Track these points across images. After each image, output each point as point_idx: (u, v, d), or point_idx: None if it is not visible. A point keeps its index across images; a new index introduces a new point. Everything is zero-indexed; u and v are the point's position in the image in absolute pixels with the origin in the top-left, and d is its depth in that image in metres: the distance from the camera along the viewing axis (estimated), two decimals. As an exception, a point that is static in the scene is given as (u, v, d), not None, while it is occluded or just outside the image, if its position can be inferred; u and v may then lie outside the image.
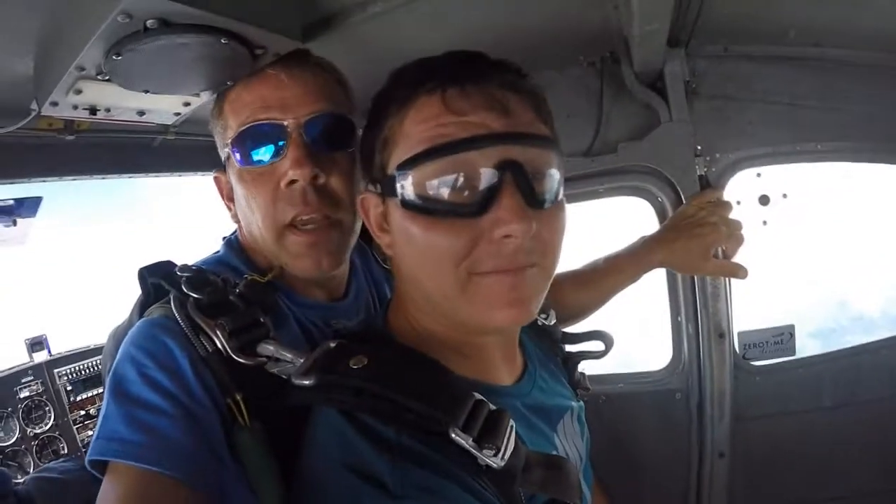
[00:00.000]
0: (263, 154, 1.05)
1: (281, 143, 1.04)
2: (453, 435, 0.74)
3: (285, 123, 1.03)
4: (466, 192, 0.79)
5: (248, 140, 1.05)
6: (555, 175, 0.84)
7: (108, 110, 1.23)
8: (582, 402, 1.17)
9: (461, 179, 0.78)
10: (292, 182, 1.03)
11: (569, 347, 1.31)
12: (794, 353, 2.05)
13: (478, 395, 0.80)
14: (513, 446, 0.77)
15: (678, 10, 1.61)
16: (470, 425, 0.75)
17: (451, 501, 0.73)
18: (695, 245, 1.55)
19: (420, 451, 0.75)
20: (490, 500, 0.76)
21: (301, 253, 1.07)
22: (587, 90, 1.97)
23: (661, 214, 2.01)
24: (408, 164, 0.80)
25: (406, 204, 0.81)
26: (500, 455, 0.74)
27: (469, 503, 0.74)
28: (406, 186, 0.81)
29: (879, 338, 2.04)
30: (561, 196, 0.86)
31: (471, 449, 0.74)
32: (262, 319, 0.97)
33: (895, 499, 2.02)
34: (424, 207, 0.80)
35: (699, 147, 1.87)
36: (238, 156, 1.06)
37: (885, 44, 1.68)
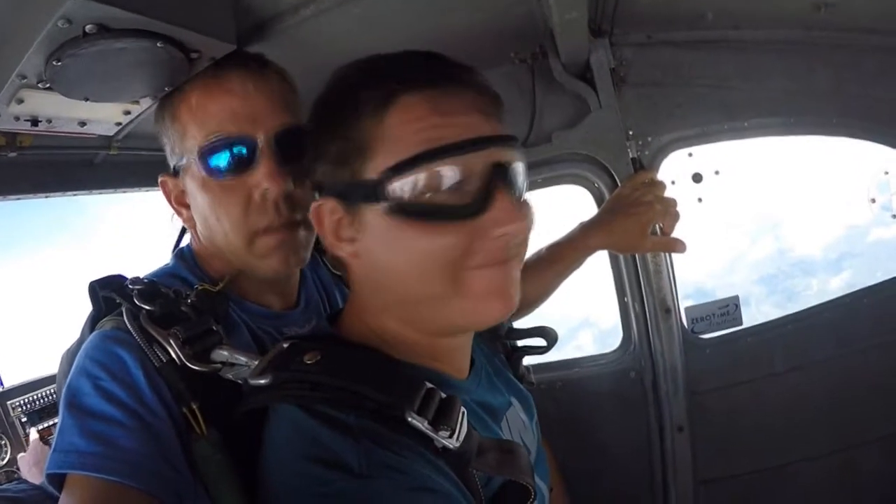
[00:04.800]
0: (235, 166, 1.05)
1: (253, 156, 1.05)
2: (409, 418, 0.76)
3: (256, 137, 1.05)
4: (458, 194, 0.79)
5: (218, 152, 1.05)
6: (524, 172, 0.87)
7: (49, 121, 1.23)
8: (530, 395, 1.19)
9: (455, 182, 0.79)
10: (265, 193, 1.06)
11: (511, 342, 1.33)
12: (740, 323, 2.12)
13: (429, 384, 0.82)
14: (466, 430, 0.80)
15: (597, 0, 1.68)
16: (424, 410, 0.78)
17: (416, 478, 0.75)
18: (632, 224, 1.59)
19: (381, 432, 0.76)
20: (450, 478, 0.79)
21: (270, 253, 1.09)
22: (519, 85, 2.03)
23: (599, 200, 2.07)
24: (402, 168, 0.77)
25: (397, 209, 0.79)
26: (454, 436, 0.77)
27: (433, 479, 0.76)
28: (397, 191, 0.78)
29: (823, 301, 2.12)
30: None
31: (427, 431, 0.76)
32: (214, 328, 0.97)
33: (850, 456, 2.09)
34: (420, 212, 0.78)
35: (630, 132, 1.94)
36: (205, 166, 1.06)
37: (799, 22, 1.76)
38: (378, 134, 0.80)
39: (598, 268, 1.69)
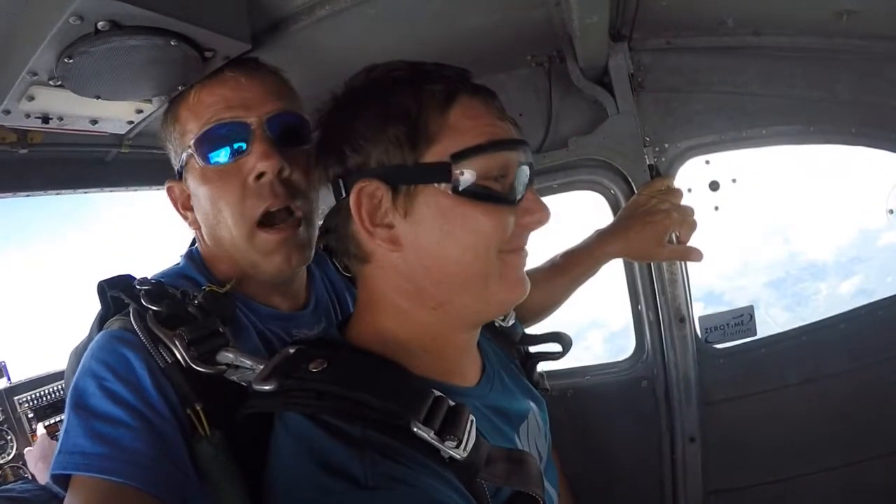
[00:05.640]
0: (228, 151, 1.07)
1: (245, 140, 1.06)
2: (415, 429, 0.76)
3: (248, 121, 1.06)
4: (499, 184, 0.87)
5: (212, 139, 1.07)
6: None
7: (60, 119, 1.23)
8: (544, 400, 1.20)
9: (499, 173, 0.87)
10: (260, 176, 1.06)
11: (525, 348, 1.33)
12: (755, 333, 2.09)
13: (437, 392, 0.81)
14: (474, 439, 0.79)
15: (617, 4, 1.65)
16: (430, 419, 0.77)
17: (421, 490, 0.74)
18: (649, 232, 1.58)
19: (386, 443, 0.76)
20: (457, 489, 0.78)
21: (272, 250, 1.09)
22: (536, 89, 2.01)
23: (615, 206, 2.05)
24: (471, 153, 0.85)
25: (464, 190, 0.85)
26: (461, 447, 0.76)
27: (439, 491, 0.75)
28: (463, 174, 0.85)
29: (836, 313, 2.09)
30: None
31: (433, 441, 0.76)
32: (220, 329, 0.97)
33: (861, 470, 2.07)
34: (482, 194, 0.85)
35: (647, 138, 1.92)
36: (202, 155, 1.07)
37: (821, 30, 1.73)
38: (441, 124, 0.86)
39: (608, 270, 1.68)
